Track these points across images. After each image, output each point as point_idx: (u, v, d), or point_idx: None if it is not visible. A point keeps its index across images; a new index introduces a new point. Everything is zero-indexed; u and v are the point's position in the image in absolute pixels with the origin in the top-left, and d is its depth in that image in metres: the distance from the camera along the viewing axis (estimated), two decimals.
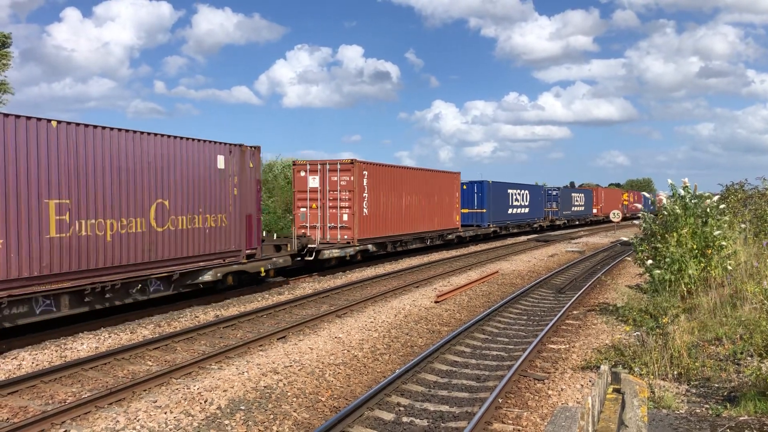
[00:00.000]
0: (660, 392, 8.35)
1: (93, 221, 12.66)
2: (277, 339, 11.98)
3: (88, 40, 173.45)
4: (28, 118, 11.44)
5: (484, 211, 37.79)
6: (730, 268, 13.84)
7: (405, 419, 8.00)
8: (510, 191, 41.68)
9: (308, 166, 23.70)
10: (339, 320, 13.78)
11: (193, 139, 15.42)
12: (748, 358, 9.60)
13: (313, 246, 21.20)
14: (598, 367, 9.67)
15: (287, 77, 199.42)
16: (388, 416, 8.08)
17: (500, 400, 8.51)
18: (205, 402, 8.30)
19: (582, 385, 9.25)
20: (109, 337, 12.06)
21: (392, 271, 22.47)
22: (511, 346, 11.78)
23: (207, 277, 15.63)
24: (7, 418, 7.87)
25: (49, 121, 11.83)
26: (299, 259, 21.01)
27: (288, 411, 8.21)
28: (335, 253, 22.13)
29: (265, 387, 8.97)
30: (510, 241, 39.65)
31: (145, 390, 8.85)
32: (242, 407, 8.16)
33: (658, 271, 13.60)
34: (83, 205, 12.46)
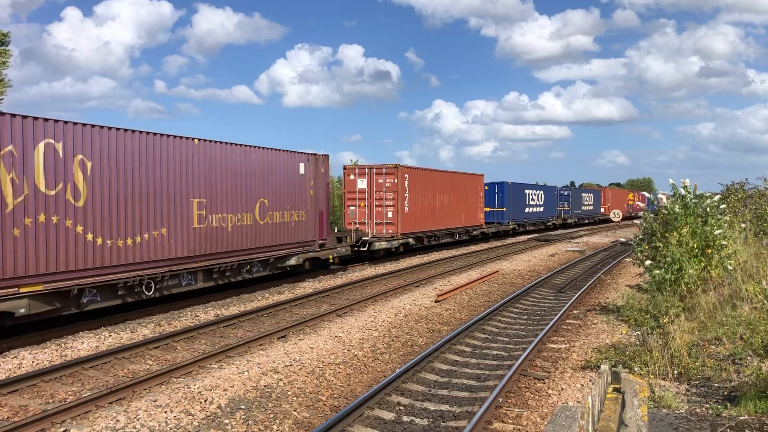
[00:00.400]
0: (660, 392, 8.35)
1: (220, 215, 16.22)
2: (278, 338, 11.99)
3: (89, 40, 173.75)
4: (181, 137, 14.92)
5: (504, 209, 41.18)
6: (730, 267, 13.83)
7: (405, 418, 8.00)
8: (527, 191, 45.32)
9: (357, 170, 26.95)
10: (339, 319, 13.78)
11: (284, 150, 19.03)
12: (748, 357, 9.60)
13: (366, 239, 24.88)
14: (599, 367, 9.68)
15: (287, 77, 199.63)
16: (389, 415, 8.08)
17: (500, 400, 8.52)
18: (205, 401, 8.30)
19: (582, 385, 9.25)
20: (110, 336, 12.06)
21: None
22: (512, 346, 11.78)
23: (292, 261, 19.39)
24: (8, 417, 7.87)
25: (193, 139, 15.33)
26: (355, 249, 24.33)
27: (288, 410, 8.21)
28: (383, 245, 25.53)
29: (265, 386, 8.97)
30: (510, 240, 39.69)
31: (145, 389, 8.86)
32: (242, 406, 8.16)
33: (658, 271, 13.59)
34: (214, 203, 15.96)
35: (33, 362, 10.25)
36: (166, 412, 7.88)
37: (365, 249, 24.67)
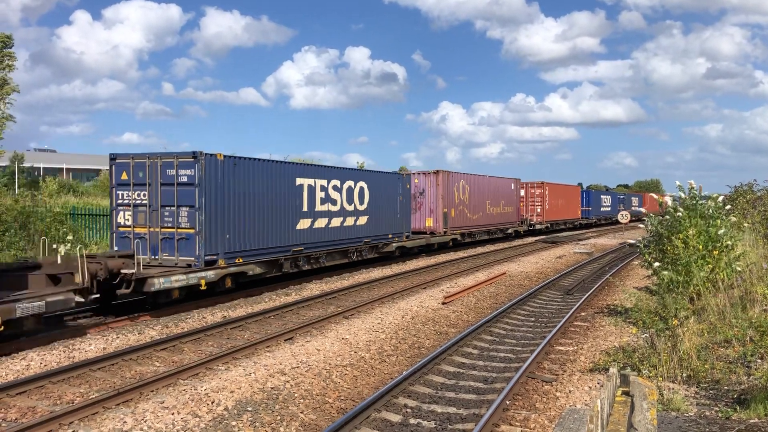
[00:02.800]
0: (669, 395, 8.29)
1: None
2: (284, 340, 11.98)
3: (98, 43, 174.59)
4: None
5: (590, 208, 55.01)
6: (739, 269, 13.75)
7: (412, 421, 7.98)
8: (602, 196, 61.95)
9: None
10: (346, 321, 13.76)
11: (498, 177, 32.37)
12: (759, 360, 9.54)
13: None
14: (607, 369, 9.62)
15: (294, 79, 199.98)
16: (396, 418, 8.06)
17: (508, 402, 8.48)
18: (212, 403, 8.30)
19: (590, 387, 9.20)
20: (117, 337, 12.09)
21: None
22: (519, 348, 11.73)
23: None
24: (16, 419, 7.89)
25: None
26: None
27: (295, 412, 8.20)
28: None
29: (272, 388, 8.97)
30: (518, 242, 39.60)
31: (152, 391, 8.87)
32: (249, 408, 8.16)
33: (667, 273, 13.52)
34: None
35: (41, 363, 10.28)
36: (173, 414, 7.88)
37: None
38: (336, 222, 21.62)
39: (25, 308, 11.05)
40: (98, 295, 13.09)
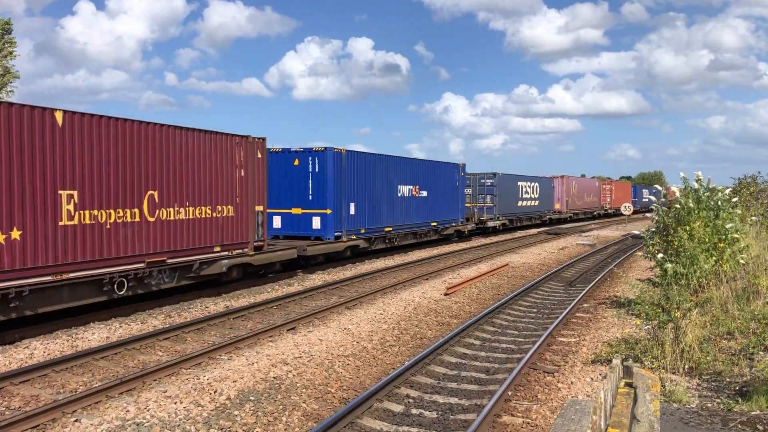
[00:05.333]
0: (671, 386, 8.29)
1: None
2: (287, 330, 12.01)
3: (102, 33, 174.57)
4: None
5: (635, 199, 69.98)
6: (742, 262, 13.72)
7: (414, 411, 7.99)
8: (643, 189, 78.64)
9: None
10: (349, 312, 13.78)
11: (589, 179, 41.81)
12: (761, 352, 9.53)
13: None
14: (609, 361, 9.62)
15: (298, 70, 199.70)
16: (398, 408, 8.07)
17: (510, 393, 8.49)
18: (214, 392, 8.32)
19: (592, 379, 9.21)
20: (120, 327, 12.12)
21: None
22: (521, 339, 11.74)
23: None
24: (19, 407, 7.93)
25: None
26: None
27: (297, 402, 8.22)
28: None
29: (274, 378, 8.99)
30: (520, 233, 39.58)
31: (155, 380, 8.89)
32: (252, 398, 8.18)
33: (671, 265, 13.49)
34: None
35: (44, 352, 10.31)
36: (175, 403, 7.91)
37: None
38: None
39: (470, 228, 31.17)
40: None
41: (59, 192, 11.60)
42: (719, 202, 13.88)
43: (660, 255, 14.16)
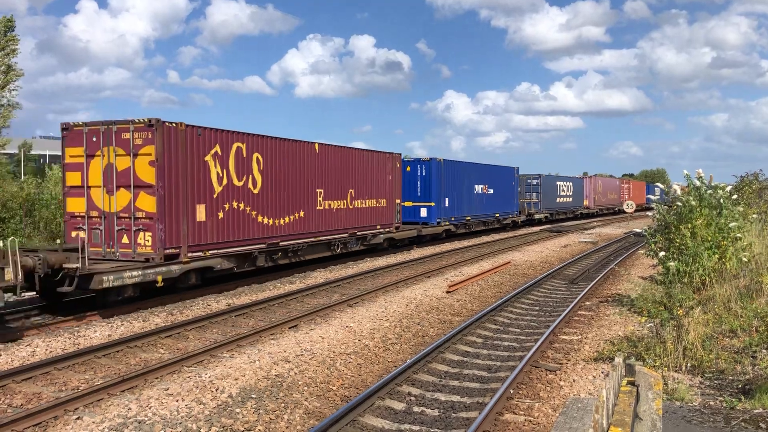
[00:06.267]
0: (673, 384, 8.28)
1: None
2: (289, 328, 12.00)
3: (104, 31, 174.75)
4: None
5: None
6: (745, 259, 13.69)
7: (416, 409, 7.98)
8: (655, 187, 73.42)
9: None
10: (350, 309, 13.77)
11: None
12: (764, 350, 9.50)
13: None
14: (611, 359, 9.61)
15: (299, 67, 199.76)
16: (399, 406, 8.07)
17: (512, 391, 8.48)
18: (216, 390, 8.32)
19: (594, 377, 9.19)
20: (122, 324, 12.12)
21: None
22: (523, 337, 11.72)
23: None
24: (21, 404, 7.93)
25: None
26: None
27: (299, 400, 8.22)
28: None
29: (276, 375, 8.98)
30: (522, 231, 39.54)
31: (157, 378, 8.90)
32: (253, 395, 8.18)
33: (673, 263, 13.46)
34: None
35: (46, 350, 10.32)
36: (177, 401, 7.91)
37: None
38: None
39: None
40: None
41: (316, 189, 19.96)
42: (721, 200, 13.83)
43: (662, 253, 14.13)
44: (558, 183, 49.43)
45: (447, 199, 29.57)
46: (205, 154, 15.16)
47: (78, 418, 7.42)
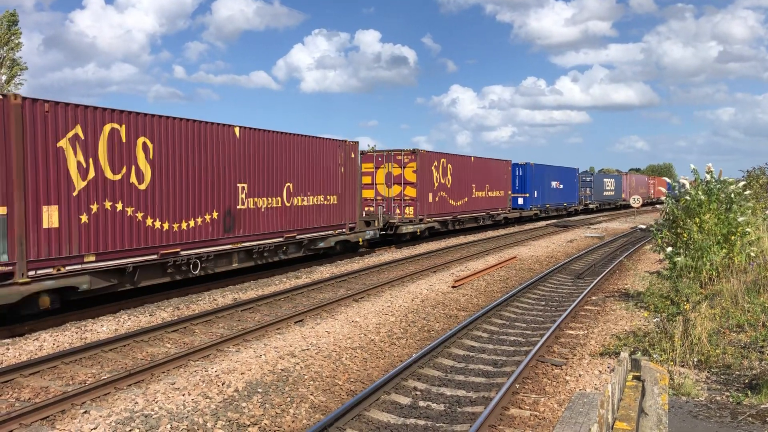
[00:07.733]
0: (679, 379, 8.25)
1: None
2: (295, 322, 12.02)
3: (111, 27, 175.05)
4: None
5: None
6: (753, 254, 13.61)
7: (422, 403, 7.99)
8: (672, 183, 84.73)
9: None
10: (356, 304, 13.78)
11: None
12: None
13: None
14: (617, 354, 9.58)
15: (305, 63, 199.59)
16: (405, 400, 8.07)
17: (517, 386, 8.47)
18: (222, 384, 8.35)
19: (600, 371, 9.17)
20: (129, 319, 12.17)
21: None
22: (529, 332, 11.71)
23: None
24: (29, 398, 7.98)
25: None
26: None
27: (305, 394, 8.23)
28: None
29: (282, 370, 9.01)
30: (529, 225, 39.48)
31: (163, 372, 8.93)
32: (259, 390, 8.20)
33: (680, 258, 13.40)
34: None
35: (53, 344, 10.37)
36: (184, 395, 7.94)
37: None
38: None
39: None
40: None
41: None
42: (732, 195, 13.75)
43: (669, 248, 14.07)
44: (605, 179, 62.43)
45: (535, 192, 41.07)
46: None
47: (85, 412, 7.46)
